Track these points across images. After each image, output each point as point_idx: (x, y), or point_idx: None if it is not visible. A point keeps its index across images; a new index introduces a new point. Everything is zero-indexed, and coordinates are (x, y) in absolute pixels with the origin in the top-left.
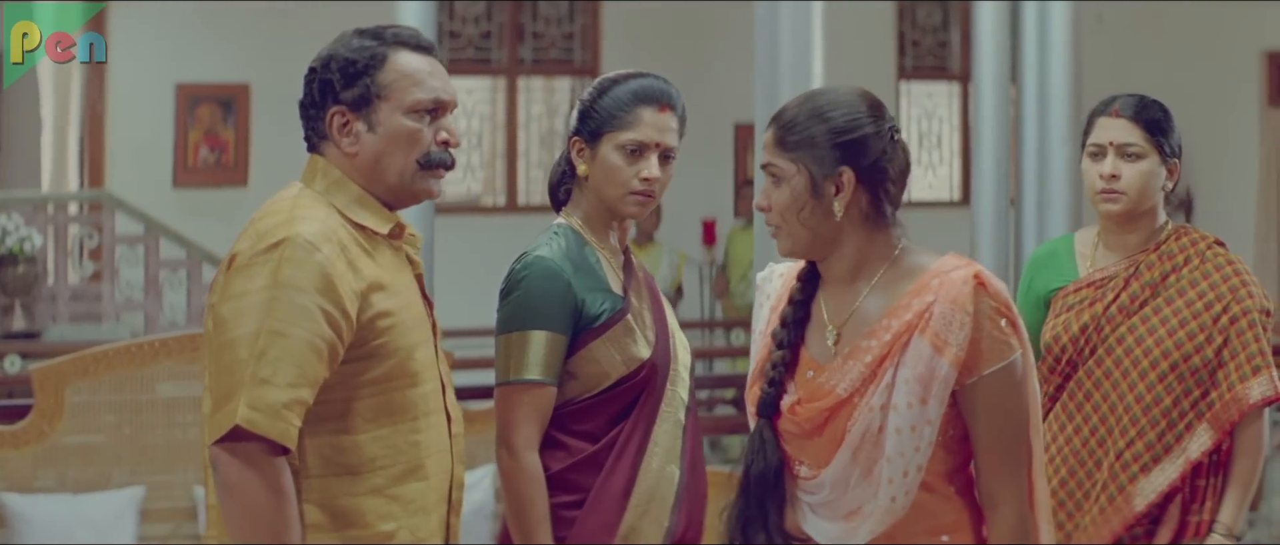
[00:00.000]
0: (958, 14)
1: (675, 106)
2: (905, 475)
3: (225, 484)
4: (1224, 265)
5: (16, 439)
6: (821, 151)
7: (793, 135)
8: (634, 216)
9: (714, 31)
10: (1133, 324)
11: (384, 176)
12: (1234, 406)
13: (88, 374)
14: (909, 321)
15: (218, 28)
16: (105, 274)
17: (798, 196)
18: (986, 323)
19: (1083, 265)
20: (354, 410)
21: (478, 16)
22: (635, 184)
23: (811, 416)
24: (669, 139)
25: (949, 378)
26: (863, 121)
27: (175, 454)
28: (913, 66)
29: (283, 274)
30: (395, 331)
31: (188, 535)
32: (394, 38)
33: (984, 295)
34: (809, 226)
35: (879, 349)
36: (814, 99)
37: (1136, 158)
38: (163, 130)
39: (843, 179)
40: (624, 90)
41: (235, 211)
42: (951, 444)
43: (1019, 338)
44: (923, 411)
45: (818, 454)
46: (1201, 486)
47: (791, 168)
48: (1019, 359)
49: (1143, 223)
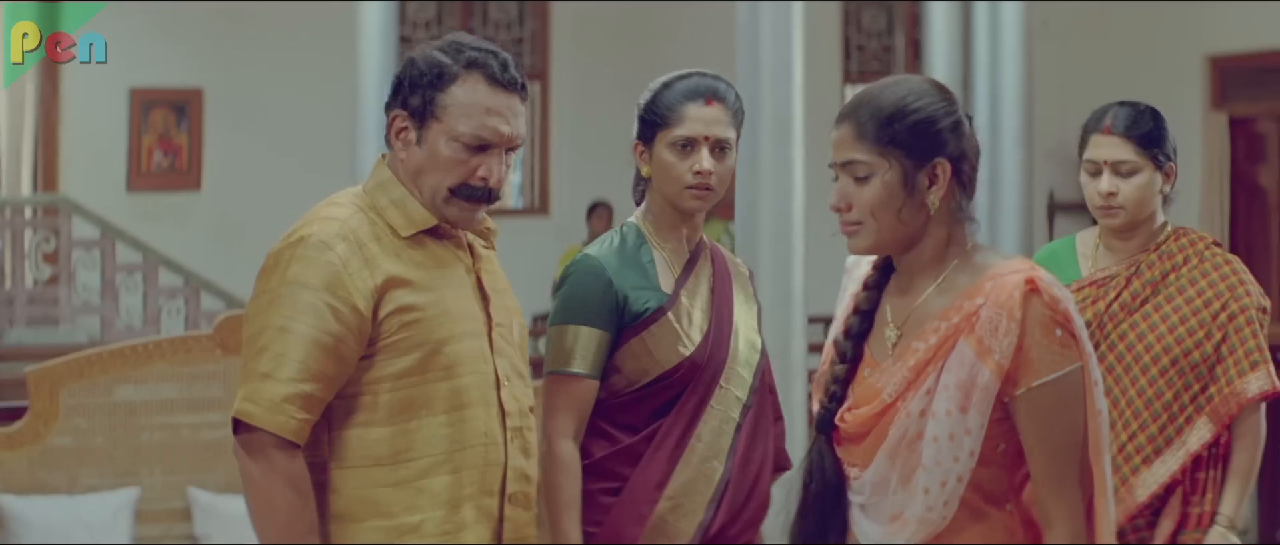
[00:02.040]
0: (903, 18)
1: (724, 99)
2: (943, 485)
3: (241, 473)
4: (1222, 264)
5: (12, 441)
6: (916, 142)
7: (881, 126)
8: (695, 210)
9: (663, 36)
10: (1134, 321)
11: (420, 191)
12: (1233, 401)
13: (83, 376)
14: (957, 325)
15: (171, 32)
16: (62, 278)
17: (892, 192)
18: (1037, 330)
19: (1084, 265)
20: (381, 403)
21: (428, 21)
22: (689, 178)
23: (861, 422)
24: (717, 130)
25: (991, 387)
26: (949, 109)
27: (169, 455)
28: (858, 70)
29: (291, 272)
30: (420, 326)
31: (181, 535)
32: (470, 61)
33: (1036, 301)
34: (904, 222)
35: (925, 352)
36: (891, 89)
37: (1132, 173)
38: (116, 134)
39: (938, 170)
40: (672, 90)
41: (188, 215)
42: (1006, 459)
43: (1079, 349)
44: (962, 420)
45: (863, 455)
46: (1202, 478)
47: (882, 162)
48: (1076, 372)
49: (1143, 226)
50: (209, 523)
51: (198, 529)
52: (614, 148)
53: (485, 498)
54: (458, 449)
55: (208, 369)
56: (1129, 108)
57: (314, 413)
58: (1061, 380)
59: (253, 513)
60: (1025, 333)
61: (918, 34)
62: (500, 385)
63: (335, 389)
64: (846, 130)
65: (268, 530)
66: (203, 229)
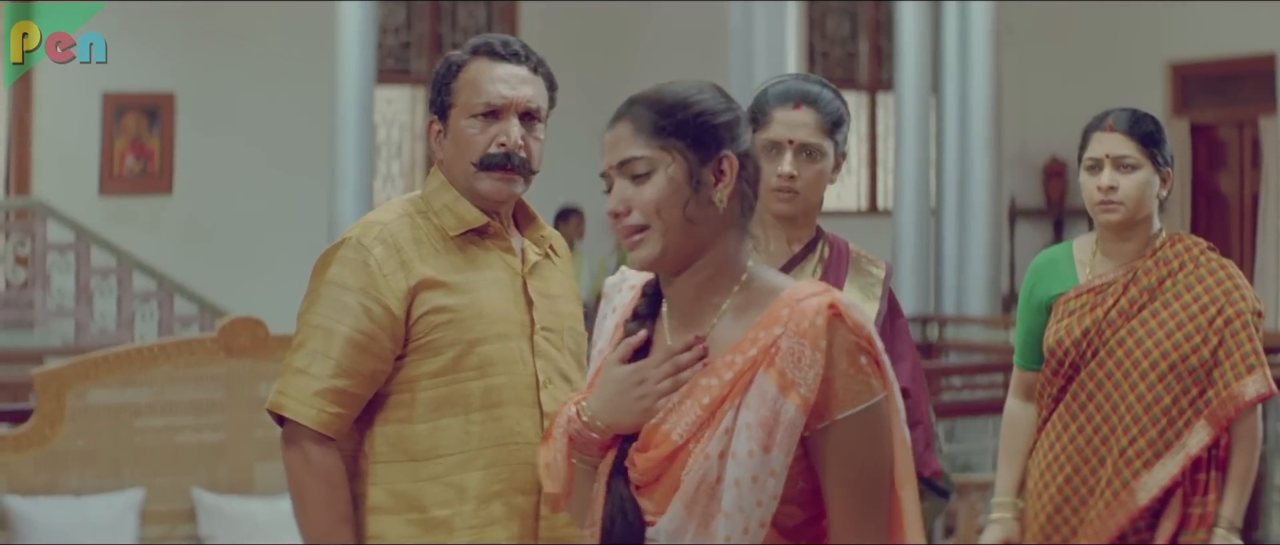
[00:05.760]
0: (867, 25)
1: (814, 102)
2: (745, 532)
3: (283, 463)
4: (1217, 269)
5: (19, 443)
6: (700, 133)
7: (661, 119)
8: (783, 214)
9: (630, 42)
10: (1132, 327)
11: (457, 181)
12: (1230, 403)
13: (89, 378)
14: (754, 357)
15: (144, 37)
16: (37, 281)
17: (677, 188)
18: (843, 359)
19: (1082, 272)
20: (418, 401)
21: (397, 27)
22: (773, 182)
23: (651, 466)
24: (801, 135)
25: (796, 422)
26: (732, 107)
27: (175, 457)
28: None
29: (330, 273)
30: (452, 326)
31: (186, 536)
32: (473, 47)
33: (841, 327)
34: (691, 222)
35: (720, 388)
36: (669, 86)
37: (1132, 169)
38: (89, 138)
39: (725, 165)
40: (766, 94)
41: (160, 219)
42: (803, 498)
43: (883, 378)
44: (765, 461)
45: (657, 502)
46: (1202, 480)
47: (665, 156)
48: (881, 403)
49: (1139, 231)
50: (213, 524)
51: (202, 530)
52: (582, 152)
53: (517, 496)
54: (487, 446)
55: (213, 371)
56: (1131, 110)
57: (348, 407)
58: (868, 412)
59: (292, 498)
60: (830, 362)
61: (881, 40)
62: (541, 387)
63: (373, 385)
64: (622, 129)
65: (300, 518)
66: (174, 233)
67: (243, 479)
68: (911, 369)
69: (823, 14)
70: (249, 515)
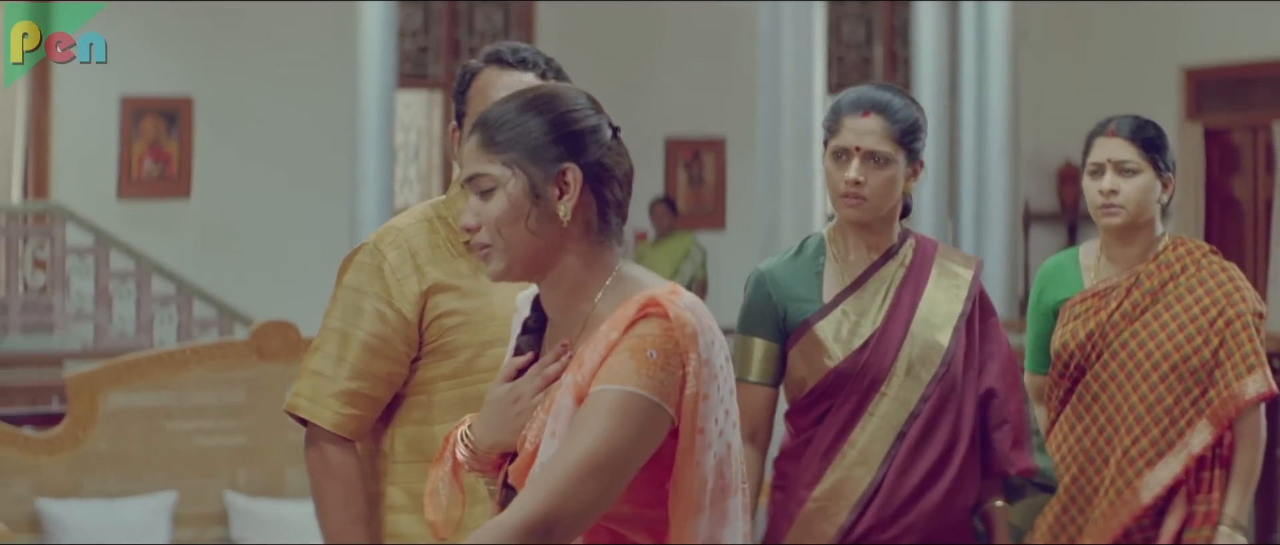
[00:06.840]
0: (882, 30)
1: (883, 109)
2: None
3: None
4: (1218, 272)
5: (52, 446)
6: (539, 147)
7: (502, 134)
8: (853, 220)
9: (648, 47)
10: (1135, 329)
11: None
12: (1231, 403)
13: (121, 381)
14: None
15: (162, 41)
16: (56, 285)
17: (517, 204)
18: (629, 344)
19: (1087, 277)
20: (435, 402)
21: (415, 31)
22: (841, 187)
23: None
24: (868, 142)
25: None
26: (583, 113)
27: (206, 459)
28: (837, 82)
29: (348, 277)
30: (462, 330)
31: (217, 538)
32: (486, 56)
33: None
34: (535, 235)
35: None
36: (522, 95)
37: (1134, 173)
38: (107, 142)
39: (568, 177)
40: (839, 101)
41: (178, 223)
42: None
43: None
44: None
45: None
46: (1206, 478)
47: (506, 173)
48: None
49: (1142, 235)
50: (245, 525)
51: (234, 532)
52: None
53: None
54: None
55: (244, 375)
56: (1134, 116)
57: (364, 408)
58: (621, 395)
59: (313, 500)
60: (617, 345)
61: (897, 45)
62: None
63: (390, 388)
64: (473, 142)
65: (319, 516)
66: (192, 237)
67: (274, 481)
68: (1001, 368)
69: (838, 18)
70: (280, 518)
